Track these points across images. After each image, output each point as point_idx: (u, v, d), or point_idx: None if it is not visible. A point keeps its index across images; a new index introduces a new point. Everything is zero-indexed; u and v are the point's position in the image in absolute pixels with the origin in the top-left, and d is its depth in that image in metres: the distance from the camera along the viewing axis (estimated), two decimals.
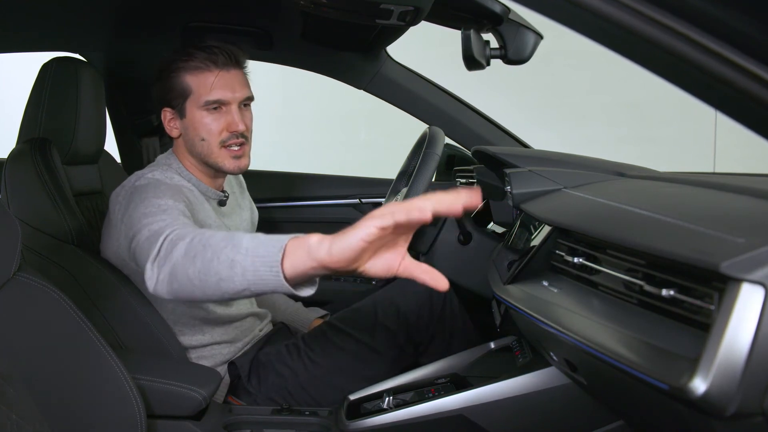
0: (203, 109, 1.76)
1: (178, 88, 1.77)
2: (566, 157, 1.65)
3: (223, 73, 1.77)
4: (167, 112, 1.81)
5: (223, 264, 1.19)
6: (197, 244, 1.26)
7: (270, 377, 1.86)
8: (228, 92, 1.76)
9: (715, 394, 0.78)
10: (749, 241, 0.81)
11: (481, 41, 1.68)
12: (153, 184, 1.66)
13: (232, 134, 1.78)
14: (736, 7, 0.83)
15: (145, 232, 1.46)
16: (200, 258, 1.23)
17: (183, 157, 1.85)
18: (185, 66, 1.76)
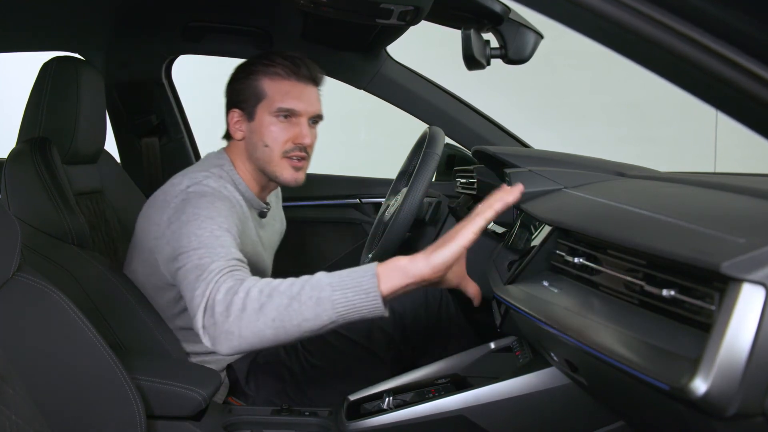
0: (274, 115, 1.76)
1: (253, 91, 1.78)
2: (566, 157, 1.65)
3: (301, 84, 1.78)
4: (235, 113, 1.81)
5: (306, 305, 1.28)
6: (259, 295, 1.32)
7: (268, 380, 1.86)
8: (302, 104, 1.77)
9: (715, 394, 0.78)
10: (750, 241, 0.81)
11: (481, 41, 1.68)
12: (209, 196, 1.64)
13: (297, 146, 1.78)
14: (736, 6, 0.83)
15: (194, 259, 1.48)
16: (271, 307, 1.30)
17: (238, 161, 1.83)
18: (265, 70, 1.77)
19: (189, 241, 1.53)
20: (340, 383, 1.84)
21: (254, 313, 1.31)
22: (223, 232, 1.55)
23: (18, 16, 1.86)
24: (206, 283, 1.41)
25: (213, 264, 1.45)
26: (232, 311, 1.33)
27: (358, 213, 2.74)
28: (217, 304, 1.36)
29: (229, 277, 1.41)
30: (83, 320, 1.42)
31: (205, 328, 1.38)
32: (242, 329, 1.32)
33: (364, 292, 1.27)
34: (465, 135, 2.54)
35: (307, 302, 1.29)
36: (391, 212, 1.98)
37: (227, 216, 1.61)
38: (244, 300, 1.33)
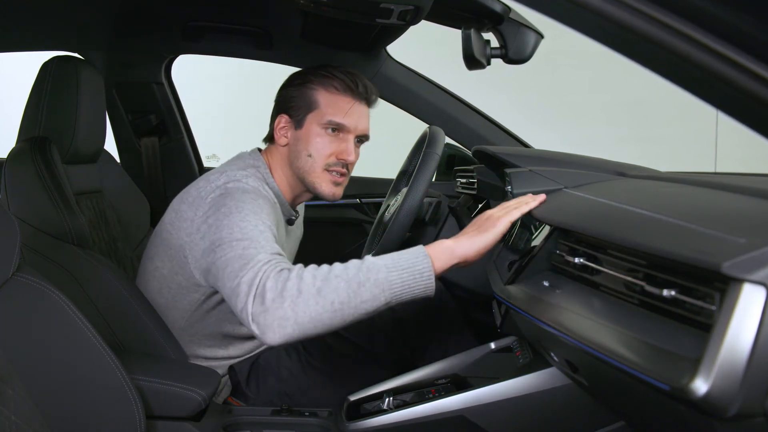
0: (323, 126, 1.78)
1: (306, 100, 1.79)
2: (567, 157, 1.65)
3: (356, 102, 1.80)
4: (283, 118, 1.83)
5: (364, 287, 1.34)
6: (314, 279, 1.34)
7: (269, 381, 1.86)
8: (352, 121, 1.79)
9: (716, 394, 0.78)
10: (751, 242, 0.80)
11: (481, 40, 1.67)
12: (251, 193, 1.65)
13: (340, 161, 1.80)
14: (737, 5, 0.83)
15: (238, 249, 1.47)
16: (328, 290, 1.33)
17: (276, 165, 1.85)
18: (322, 81, 1.79)
19: (231, 232, 1.52)
20: (341, 384, 1.84)
21: (312, 297, 1.33)
22: (266, 229, 1.55)
23: (18, 15, 1.86)
24: (254, 271, 1.40)
25: (259, 254, 1.44)
26: (287, 296, 1.33)
27: (358, 213, 2.74)
28: (268, 290, 1.35)
29: (276, 266, 1.41)
30: (83, 320, 1.42)
31: (255, 316, 1.36)
32: (299, 314, 1.33)
33: (419, 273, 1.37)
34: (465, 135, 2.54)
35: (365, 284, 1.34)
36: (391, 212, 1.98)
37: (269, 214, 1.63)
38: (298, 284, 1.34)
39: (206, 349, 1.83)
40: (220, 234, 1.54)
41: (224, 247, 1.51)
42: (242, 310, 1.38)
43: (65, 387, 1.42)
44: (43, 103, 1.89)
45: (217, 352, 1.85)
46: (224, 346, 1.85)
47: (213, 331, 1.81)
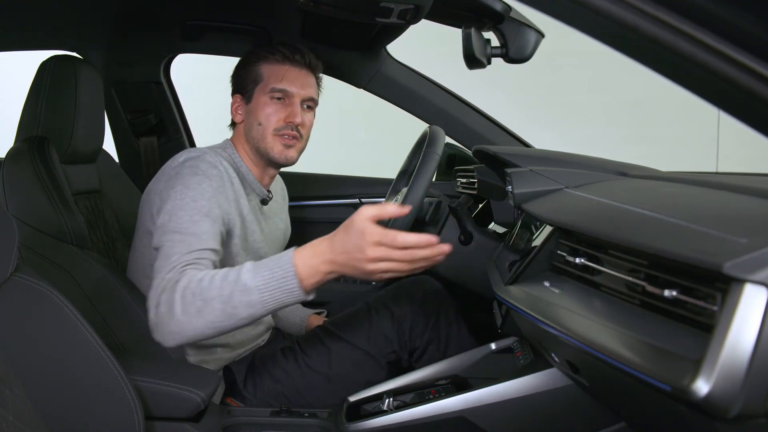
0: (268, 95, 1.86)
1: (253, 76, 1.89)
2: (568, 157, 1.64)
3: (296, 69, 1.88)
4: (237, 98, 1.94)
5: (238, 309, 1.43)
6: (193, 299, 1.44)
7: (266, 382, 1.86)
8: (294, 86, 1.86)
9: (717, 395, 0.78)
10: (752, 242, 0.80)
11: (481, 40, 1.67)
12: (200, 175, 1.70)
13: (288, 125, 1.85)
14: (739, 5, 0.83)
15: (167, 244, 1.59)
16: (208, 311, 1.44)
17: (239, 145, 1.92)
18: (265, 57, 1.89)
19: (169, 219, 1.63)
20: (339, 386, 1.84)
21: (194, 317, 1.45)
22: (202, 218, 1.63)
23: (16, 15, 1.85)
24: (160, 277, 1.52)
25: (174, 256, 1.56)
26: (174, 313, 1.45)
27: None
28: (162, 303, 1.48)
29: (180, 272, 1.52)
30: (81, 321, 1.41)
31: (151, 324, 1.50)
32: (184, 330, 1.46)
33: (289, 291, 1.43)
34: (465, 134, 2.53)
35: (239, 306, 1.43)
36: None
37: (211, 197, 1.68)
38: (182, 304, 1.45)
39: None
40: (162, 218, 1.65)
41: (159, 234, 1.63)
42: (149, 311, 1.52)
43: (64, 388, 1.42)
44: (41, 103, 1.88)
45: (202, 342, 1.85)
46: None
47: None
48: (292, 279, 1.42)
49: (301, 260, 1.44)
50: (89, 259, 1.76)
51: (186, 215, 1.62)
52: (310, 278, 1.43)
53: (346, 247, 1.41)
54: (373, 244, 1.36)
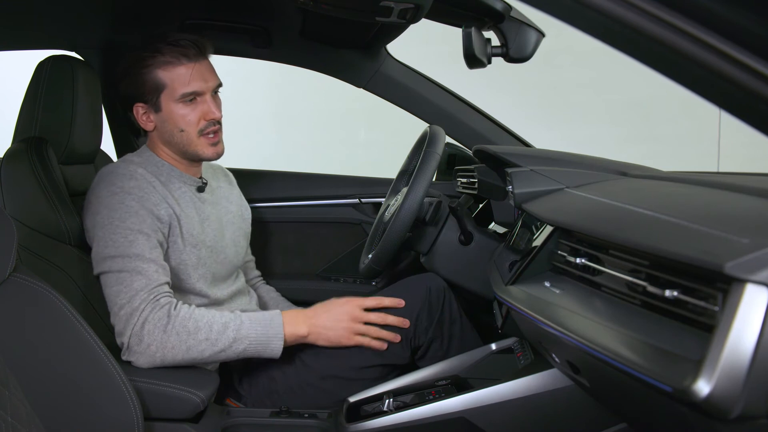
0: (179, 101, 1.81)
1: (151, 84, 1.80)
2: (568, 157, 1.64)
3: (194, 64, 1.81)
4: (139, 107, 1.85)
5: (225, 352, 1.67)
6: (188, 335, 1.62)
7: (261, 380, 1.86)
8: (201, 83, 1.82)
9: (719, 396, 0.78)
10: (754, 242, 0.80)
11: (482, 39, 1.66)
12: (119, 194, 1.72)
13: (209, 122, 1.84)
14: (740, 4, 0.82)
15: (114, 270, 1.65)
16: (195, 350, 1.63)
17: (158, 148, 1.89)
18: (155, 62, 1.80)
19: (105, 248, 1.67)
20: (336, 386, 1.83)
21: (180, 352, 1.62)
22: (136, 236, 1.68)
23: (13, 13, 1.84)
24: (131, 309, 1.61)
25: (134, 283, 1.63)
26: (165, 345, 1.61)
27: (358, 213, 2.72)
28: (146, 334, 1.60)
29: (153, 304, 1.62)
30: (80, 321, 1.41)
31: (129, 348, 1.61)
32: (166, 358, 1.62)
33: (270, 351, 1.72)
34: (466, 134, 2.52)
35: (226, 350, 1.66)
36: (391, 212, 1.97)
37: (137, 211, 1.70)
38: (173, 339, 1.61)
39: None
40: (97, 246, 1.70)
41: (102, 263, 1.67)
42: (118, 335, 1.64)
43: (62, 388, 1.42)
44: (39, 103, 1.88)
45: None
46: None
47: None
48: (278, 340, 1.71)
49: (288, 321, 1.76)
50: (87, 260, 1.75)
51: (120, 237, 1.66)
52: (290, 337, 1.75)
53: (328, 307, 1.82)
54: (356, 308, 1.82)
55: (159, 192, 1.78)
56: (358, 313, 1.80)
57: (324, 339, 1.79)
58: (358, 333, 1.79)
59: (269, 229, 2.60)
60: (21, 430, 1.10)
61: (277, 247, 2.70)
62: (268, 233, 2.60)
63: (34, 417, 1.16)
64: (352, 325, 1.79)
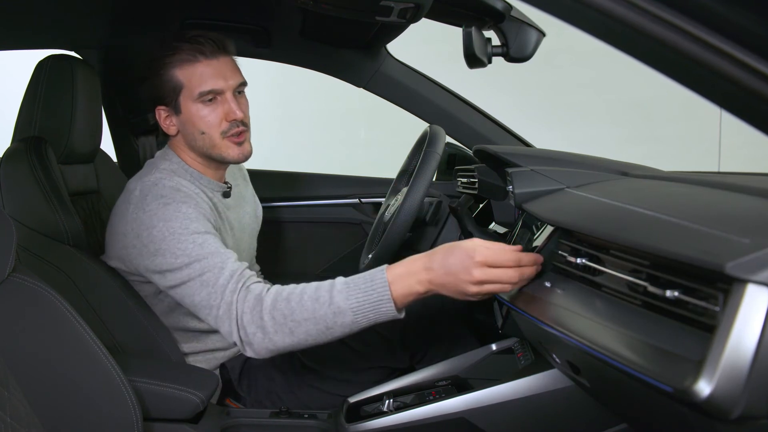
0: (198, 101, 1.73)
1: (169, 85, 1.74)
2: (569, 156, 1.64)
3: (213, 61, 1.74)
4: (161, 110, 1.79)
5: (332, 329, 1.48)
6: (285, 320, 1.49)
7: (260, 381, 1.85)
8: (220, 81, 1.73)
9: (720, 396, 0.78)
10: (755, 242, 0.80)
11: (482, 38, 1.66)
12: (174, 204, 1.65)
13: (232, 123, 1.75)
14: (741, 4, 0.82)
15: (194, 276, 1.58)
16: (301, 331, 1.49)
17: (182, 153, 1.82)
18: (172, 60, 1.73)
19: (175, 258, 1.59)
20: (335, 387, 1.83)
21: (287, 336, 1.50)
22: (204, 237, 1.62)
23: (12, 13, 1.84)
24: (226, 305, 1.54)
25: (220, 279, 1.56)
26: (267, 331, 1.50)
27: (358, 213, 2.72)
28: (247, 325, 1.51)
29: (243, 291, 1.54)
30: (79, 322, 1.41)
31: (243, 346, 1.54)
32: (278, 345, 1.51)
33: (384, 314, 1.46)
34: (466, 134, 2.53)
35: (333, 327, 1.48)
36: (391, 212, 1.97)
37: (195, 217, 1.64)
38: (272, 324, 1.49)
39: (181, 345, 1.83)
40: (164, 259, 1.61)
41: (175, 274, 1.60)
42: (227, 335, 1.56)
43: (62, 389, 1.42)
44: (38, 103, 1.87)
45: (194, 346, 1.85)
46: (197, 339, 1.84)
47: (177, 325, 1.82)
48: (388, 302, 1.44)
49: (396, 281, 1.44)
50: (86, 260, 1.75)
51: (189, 244, 1.60)
52: (404, 299, 1.45)
53: (447, 265, 1.39)
54: (481, 265, 1.35)
55: (206, 201, 1.74)
56: (481, 274, 1.34)
57: (443, 293, 1.44)
58: (486, 294, 1.39)
59: (269, 229, 2.60)
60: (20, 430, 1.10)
61: (277, 247, 2.70)
62: (268, 233, 2.59)
63: (33, 417, 1.16)
64: (471, 288, 1.36)
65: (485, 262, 1.34)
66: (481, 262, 1.34)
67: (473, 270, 1.34)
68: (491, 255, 1.34)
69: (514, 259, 1.33)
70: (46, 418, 1.29)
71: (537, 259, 1.34)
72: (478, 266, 1.34)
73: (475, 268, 1.34)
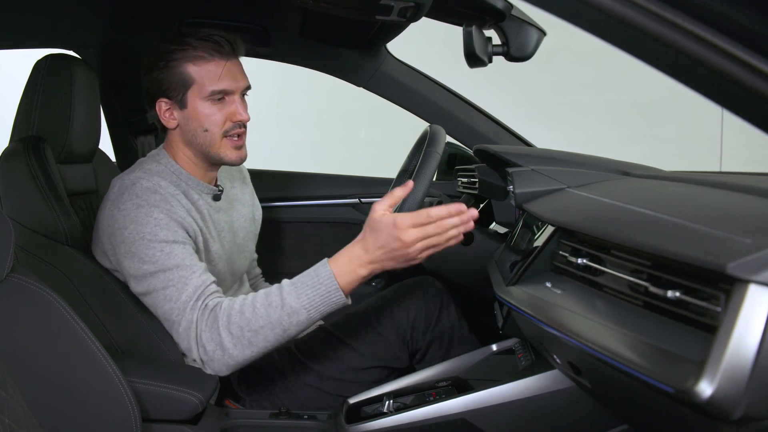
0: (207, 99, 1.73)
1: (178, 78, 1.73)
2: (570, 156, 1.64)
3: (227, 62, 1.75)
4: (163, 102, 1.78)
5: (289, 330, 1.56)
6: (242, 332, 1.56)
7: (259, 381, 1.85)
8: (233, 82, 1.75)
9: (721, 397, 0.78)
10: (757, 242, 0.80)
11: (483, 38, 1.66)
12: (145, 207, 1.66)
13: (235, 124, 1.76)
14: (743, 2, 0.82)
15: (158, 287, 1.63)
16: (260, 339, 1.56)
17: (177, 149, 1.82)
18: (186, 56, 1.72)
19: (142, 264, 1.64)
20: (334, 387, 1.83)
21: (246, 347, 1.57)
22: (172, 247, 1.65)
23: (10, 12, 1.84)
24: (187, 322, 1.61)
25: (182, 295, 1.61)
26: (225, 348, 1.58)
27: (358, 213, 2.72)
28: (206, 343, 1.59)
29: (202, 310, 1.60)
30: (78, 322, 1.41)
31: (203, 363, 1.61)
32: (239, 359, 1.59)
33: (334, 304, 1.56)
34: (466, 133, 2.52)
35: (289, 327, 1.56)
36: None
37: (167, 224, 1.66)
38: (231, 339, 1.57)
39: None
40: (133, 264, 1.65)
41: (144, 282, 1.65)
42: (190, 354, 1.63)
43: (60, 390, 1.42)
44: (36, 102, 1.87)
45: None
46: None
47: None
48: (336, 292, 1.54)
49: (339, 270, 1.55)
50: (85, 260, 1.75)
51: (156, 252, 1.63)
52: (350, 285, 1.56)
53: (380, 243, 1.52)
54: (406, 228, 1.48)
55: (184, 205, 1.73)
56: (412, 236, 1.47)
57: (384, 269, 1.56)
58: (423, 250, 1.51)
59: (269, 229, 2.60)
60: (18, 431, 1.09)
61: (277, 247, 2.70)
62: (269, 233, 2.59)
63: (31, 418, 1.16)
64: (410, 251, 1.49)
65: (410, 224, 1.48)
66: (407, 225, 1.48)
67: (401, 235, 1.48)
68: (410, 217, 1.49)
69: (433, 213, 1.48)
70: (44, 419, 1.29)
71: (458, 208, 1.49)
72: (404, 230, 1.48)
73: (402, 233, 1.48)
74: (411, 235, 1.47)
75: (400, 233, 1.48)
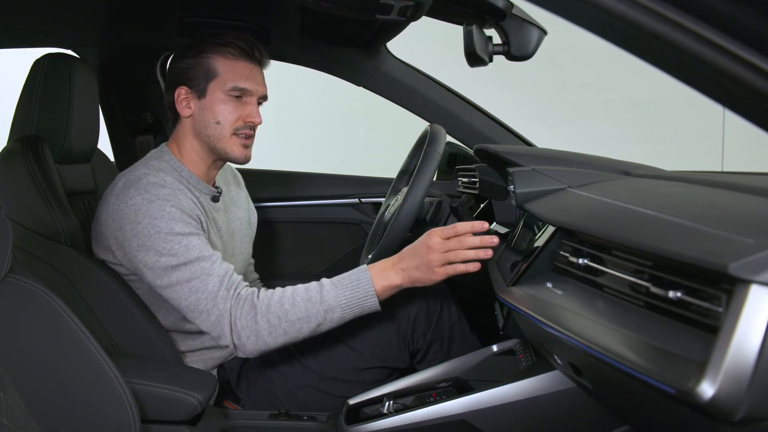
0: (227, 93, 1.79)
1: (204, 69, 1.80)
2: (571, 156, 1.64)
3: (253, 66, 1.84)
4: (182, 89, 1.82)
5: (323, 326, 1.66)
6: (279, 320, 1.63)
7: (259, 381, 1.85)
8: (254, 85, 1.83)
9: (723, 398, 0.77)
10: (758, 242, 0.79)
11: (483, 37, 1.66)
12: (158, 201, 1.67)
13: (247, 125, 1.82)
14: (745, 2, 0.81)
15: (183, 279, 1.64)
16: (293, 330, 1.64)
17: (184, 140, 1.85)
18: (218, 50, 1.81)
19: (160, 257, 1.65)
20: (334, 387, 1.83)
21: (280, 336, 1.63)
22: (189, 239, 1.67)
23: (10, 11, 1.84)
24: (219, 311, 1.63)
25: (209, 285, 1.64)
26: (261, 334, 1.62)
27: (358, 213, 2.72)
28: (242, 329, 1.62)
29: (236, 299, 1.64)
30: (77, 322, 1.41)
31: (237, 347, 1.65)
32: (270, 344, 1.65)
33: (368, 308, 1.67)
34: (467, 133, 2.52)
35: (323, 324, 1.65)
36: (391, 212, 1.96)
37: (180, 217, 1.68)
38: (267, 326, 1.62)
39: (177, 343, 1.84)
40: (152, 259, 1.66)
41: (165, 275, 1.65)
42: (217, 339, 1.67)
43: (58, 390, 1.42)
44: (34, 102, 1.87)
45: (189, 344, 1.86)
46: (192, 337, 1.85)
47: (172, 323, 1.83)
48: (372, 297, 1.65)
49: (376, 275, 1.67)
50: (84, 260, 1.75)
51: (175, 245, 1.65)
52: (385, 291, 1.67)
53: (412, 247, 1.66)
54: (433, 235, 1.62)
55: (190, 199, 1.76)
56: (436, 243, 1.61)
57: (413, 280, 1.66)
58: (442, 264, 1.62)
59: (268, 229, 2.60)
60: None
61: (277, 247, 2.70)
62: (268, 233, 2.59)
63: (30, 419, 1.16)
64: (432, 257, 1.61)
65: (438, 233, 1.61)
66: (436, 233, 1.61)
67: (428, 240, 1.62)
68: (440, 230, 1.62)
69: (459, 227, 1.61)
70: (43, 419, 1.29)
71: (478, 226, 1.62)
72: (431, 236, 1.62)
73: (428, 237, 1.62)
74: (434, 241, 1.60)
75: (427, 238, 1.62)
